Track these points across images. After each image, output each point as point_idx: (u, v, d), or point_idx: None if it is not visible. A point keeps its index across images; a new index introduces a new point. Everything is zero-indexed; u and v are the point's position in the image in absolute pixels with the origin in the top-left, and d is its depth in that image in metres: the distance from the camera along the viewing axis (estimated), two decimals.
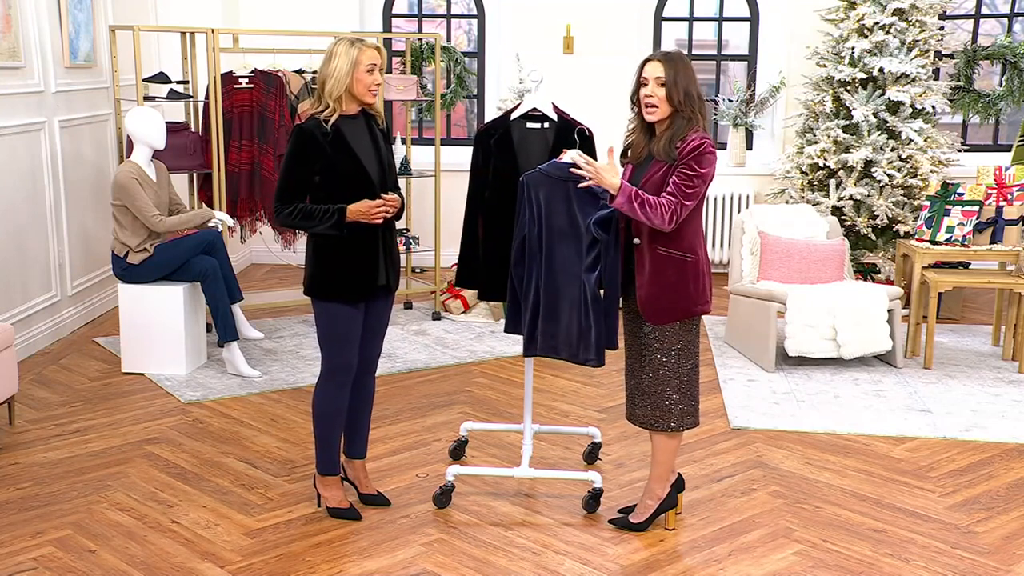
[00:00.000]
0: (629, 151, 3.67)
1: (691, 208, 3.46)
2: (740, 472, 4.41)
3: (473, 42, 8.77)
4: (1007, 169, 6.02)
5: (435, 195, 6.84)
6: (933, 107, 7.16)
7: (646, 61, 3.54)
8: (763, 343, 5.80)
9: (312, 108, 3.69)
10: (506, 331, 3.92)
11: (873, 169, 7.02)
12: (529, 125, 4.06)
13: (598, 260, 3.64)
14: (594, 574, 3.56)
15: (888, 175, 6.97)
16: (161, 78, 6.31)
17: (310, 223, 3.66)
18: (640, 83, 3.53)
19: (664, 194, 3.45)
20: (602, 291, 3.67)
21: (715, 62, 8.74)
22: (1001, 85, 7.85)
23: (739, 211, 8.15)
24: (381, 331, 3.94)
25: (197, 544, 3.72)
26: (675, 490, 3.86)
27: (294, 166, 3.66)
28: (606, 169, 3.45)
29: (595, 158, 3.97)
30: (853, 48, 7.13)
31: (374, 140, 3.74)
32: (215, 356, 5.89)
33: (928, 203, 6.12)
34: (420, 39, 8.01)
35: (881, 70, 7.06)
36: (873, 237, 7.18)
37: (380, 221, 3.68)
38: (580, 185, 3.58)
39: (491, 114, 8.22)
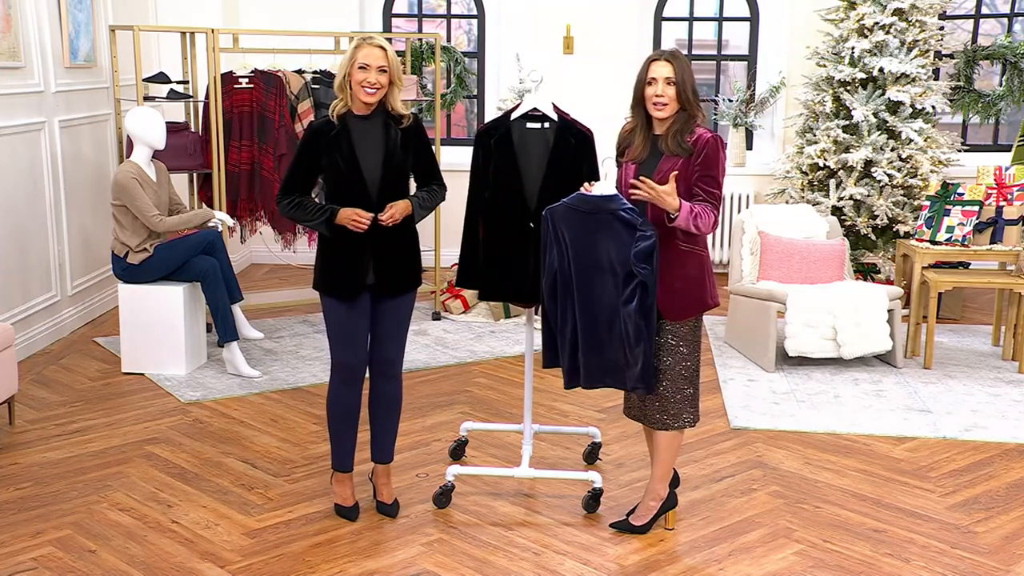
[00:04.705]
0: (627, 150, 3.67)
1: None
2: (740, 472, 4.41)
3: (473, 42, 8.77)
4: (1007, 169, 6.02)
5: None
6: (933, 107, 7.16)
7: (652, 61, 3.56)
8: (763, 343, 5.80)
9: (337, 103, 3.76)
10: (545, 367, 3.79)
11: (873, 169, 7.02)
12: (529, 125, 4.05)
13: (635, 292, 3.52)
14: (594, 574, 3.56)
15: (888, 175, 6.97)
16: (161, 78, 6.31)
17: (303, 216, 3.75)
18: (647, 83, 3.55)
19: (698, 202, 3.49)
20: (644, 321, 3.54)
21: (715, 62, 8.74)
22: (1001, 85, 7.85)
23: (739, 211, 8.15)
24: (388, 333, 3.87)
25: (197, 544, 3.72)
26: (671, 487, 3.87)
27: (297, 161, 3.78)
28: (667, 192, 3.41)
29: (595, 159, 3.98)
30: (853, 48, 7.13)
31: (386, 142, 3.72)
32: (215, 356, 5.89)
33: (928, 203, 6.12)
34: (420, 39, 8.01)
35: (881, 70, 7.06)
36: (873, 237, 7.18)
37: (361, 230, 3.67)
38: (632, 195, 3.49)
39: (491, 114, 8.22)
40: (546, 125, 4.04)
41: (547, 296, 3.68)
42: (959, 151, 7.45)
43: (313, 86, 6.53)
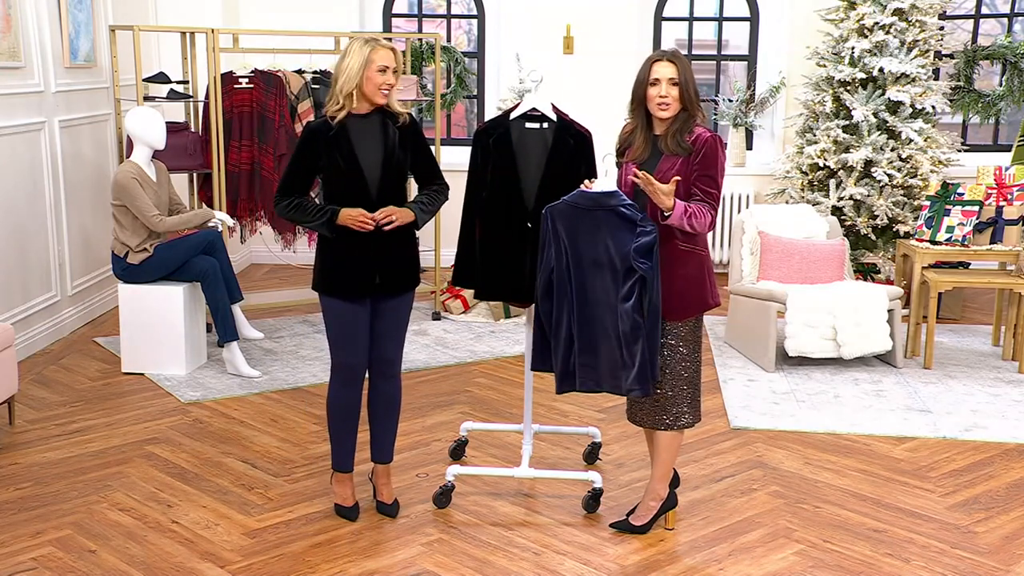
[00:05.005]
0: (627, 151, 3.67)
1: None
2: (740, 472, 4.41)
3: (473, 42, 8.77)
4: (1007, 169, 6.02)
5: None
6: (933, 107, 7.16)
7: (654, 61, 3.56)
8: (763, 343, 5.80)
9: (329, 105, 3.71)
10: (533, 369, 3.76)
11: (873, 169, 7.02)
12: (528, 125, 4.04)
13: (634, 288, 3.51)
14: (594, 574, 3.56)
15: (888, 175, 6.97)
16: (161, 78, 6.31)
17: (303, 217, 3.72)
18: (650, 83, 3.54)
19: (695, 201, 3.49)
20: (643, 319, 3.52)
21: (715, 62, 8.74)
22: (1001, 85, 7.85)
23: (739, 211, 8.15)
24: (387, 333, 3.86)
25: (197, 544, 3.72)
26: (671, 487, 3.87)
27: (295, 162, 3.75)
28: (664, 191, 3.40)
29: (593, 159, 3.98)
30: (853, 48, 7.13)
31: (385, 141, 3.71)
32: (215, 356, 5.89)
33: (928, 203, 6.12)
34: (420, 39, 8.01)
35: (881, 70, 7.06)
36: (873, 237, 7.18)
37: (367, 230, 3.66)
38: (629, 176, 3.50)
39: (491, 114, 8.21)
40: (545, 125, 4.03)
41: (541, 295, 3.65)
42: (959, 151, 7.45)
43: (313, 86, 6.53)
